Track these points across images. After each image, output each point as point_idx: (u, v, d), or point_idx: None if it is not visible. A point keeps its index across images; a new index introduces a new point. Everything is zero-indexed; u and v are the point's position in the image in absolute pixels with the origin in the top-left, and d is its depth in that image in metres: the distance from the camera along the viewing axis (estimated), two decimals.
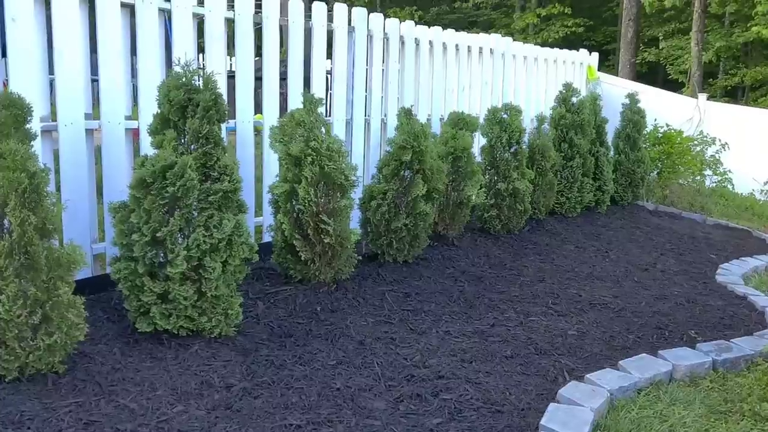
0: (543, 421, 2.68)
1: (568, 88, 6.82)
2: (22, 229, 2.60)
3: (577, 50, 8.56)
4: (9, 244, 2.59)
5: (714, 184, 8.86)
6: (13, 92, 2.79)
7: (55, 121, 3.53)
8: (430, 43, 5.95)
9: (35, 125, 3.24)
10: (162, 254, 3.13)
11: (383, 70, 5.54)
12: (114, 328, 3.29)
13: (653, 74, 26.49)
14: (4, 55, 3.39)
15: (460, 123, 5.34)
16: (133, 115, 3.95)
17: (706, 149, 8.66)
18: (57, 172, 3.54)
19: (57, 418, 2.50)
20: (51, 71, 3.54)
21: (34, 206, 2.66)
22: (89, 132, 3.69)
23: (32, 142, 2.84)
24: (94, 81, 3.92)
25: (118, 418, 2.56)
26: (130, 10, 3.81)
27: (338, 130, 5.07)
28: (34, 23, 3.36)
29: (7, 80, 3.35)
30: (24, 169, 2.63)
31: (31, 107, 2.85)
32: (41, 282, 2.68)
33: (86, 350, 3.00)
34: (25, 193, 2.62)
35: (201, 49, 4.48)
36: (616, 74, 16.68)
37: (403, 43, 5.63)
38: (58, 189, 3.53)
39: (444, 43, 6.11)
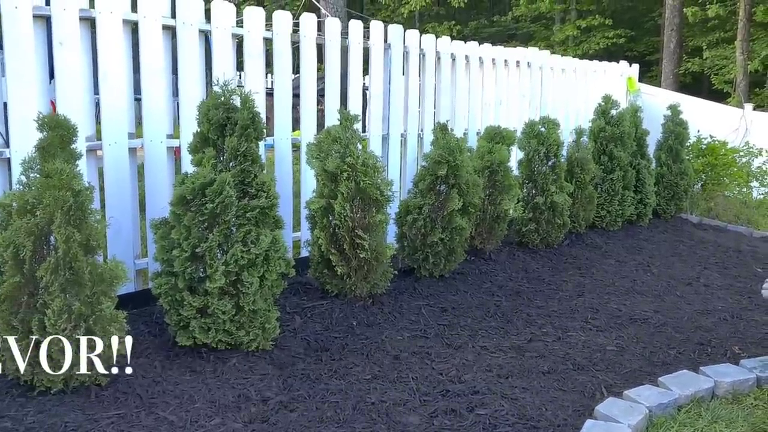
0: None
1: (608, 100, 6.75)
2: (67, 246, 2.70)
3: (618, 62, 8.47)
4: (55, 260, 2.69)
5: (762, 196, 8.64)
6: (59, 114, 2.90)
7: (100, 140, 3.65)
8: (466, 57, 5.96)
9: (80, 145, 3.35)
10: (201, 269, 3.21)
11: (419, 85, 5.58)
12: (155, 342, 3.37)
13: (698, 84, 25.96)
14: (53, 77, 3.51)
15: (496, 137, 5.34)
16: (175, 134, 4.06)
17: (753, 160, 8.46)
18: (101, 189, 3.65)
19: (99, 429, 2.58)
20: (96, 91, 3.66)
21: (78, 223, 2.76)
22: (132, 150, 3.80)
23: (77, 161, 2.94)
24: (137, 100, 4.04)
25: (158, 430, 2.62)
26: (171, 31, 3.93)
27: (375, 146, 5.11)
28: (80, 46, 3.49)
29: (54, 101, 3.48)
30: (69, 187, 2.73)
31: (76, 128, 2.95)
32: (85, 297, 2.77)
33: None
34: (70, 211, 2.72)
35: (240, 66, 4.58)
36: (659, 85, 16.43)
37: (438, 58, 5.66)
38: (103, 206, 3.64)
39: (480, 58, 6.12)
